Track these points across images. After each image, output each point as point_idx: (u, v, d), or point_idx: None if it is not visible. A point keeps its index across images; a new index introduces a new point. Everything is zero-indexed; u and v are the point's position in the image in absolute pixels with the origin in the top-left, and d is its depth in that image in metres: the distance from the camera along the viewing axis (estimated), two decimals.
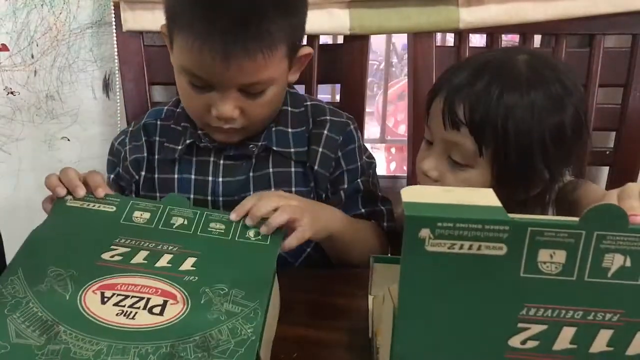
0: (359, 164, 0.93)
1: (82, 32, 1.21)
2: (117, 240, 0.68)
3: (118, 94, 1.21)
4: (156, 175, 0.91)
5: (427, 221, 0.45)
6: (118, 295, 0.62)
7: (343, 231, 0.83)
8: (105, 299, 0.61)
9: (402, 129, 2.76)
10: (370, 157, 0.97)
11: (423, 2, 1.12)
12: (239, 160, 0.90)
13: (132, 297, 0.62)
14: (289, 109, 0.92)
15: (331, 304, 0.76)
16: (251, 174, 0.89)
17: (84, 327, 0.58)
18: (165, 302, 0.61)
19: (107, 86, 1.26)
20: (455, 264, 0.46)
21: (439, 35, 1.31)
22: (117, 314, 0.60)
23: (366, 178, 0.94)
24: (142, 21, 1.13)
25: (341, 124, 0.93)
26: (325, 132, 0.91)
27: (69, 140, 1.30)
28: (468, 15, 1.13)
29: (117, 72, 1.19)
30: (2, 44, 1.21)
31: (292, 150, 0.90)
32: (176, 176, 0.90)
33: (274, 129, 0.90)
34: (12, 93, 1.25)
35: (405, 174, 1.26)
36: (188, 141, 0.89)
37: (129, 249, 0.67)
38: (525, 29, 1.15)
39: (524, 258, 0.45)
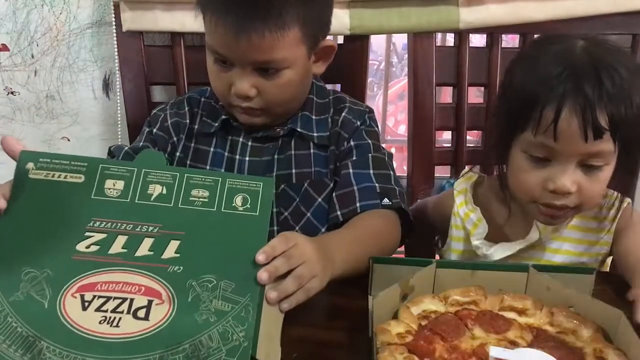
0: (369, 142, 0.94)
1: (82, 32, 1.21)
2: (90, 225, 0.65)
3: (118, 94, 1.21)
4: (192, 144, 0.96)
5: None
6: (99, 297, 0.59)
7: (351, 263, 0.78)
8: (86, 304, 0.58)
9: (402, 129, 2.76)
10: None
11: (423, 2, 1.12)
12: (266, 142, 0.95)
13: (115, 298, 0.59)
14: (315, 98, 0.97)
15: (331, 304, 0.75)
16: (275, 156, 0.94)
17: (68, 340, 0.56)
18: (150, 302, 0.58)
19: (107, 86, 1.26)
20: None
21: (439, 35, 1.31)
22: (100, 322, 0.57)
23: (381, 156, 0.94)
24: (142, 21, 1.13)
25: (359, 111, 0.97)
26: (344, 114, 0.96)
27: (69, 140, 1.30)
28: (468, 15, 1.13)
29: (117, 72, 1.19)
30: (2, 44, 1.21)
31: (315, 134, 0.94)
32: (212, 149, 0.95)
33: (300, 114, 0.95)
34: (12, 93, 1.25)
35: (406, 174, 1.25)
36: (223, 117, 0.94)
37: (105, 235, 0.64)
38: (525, 29, 1.15)
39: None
